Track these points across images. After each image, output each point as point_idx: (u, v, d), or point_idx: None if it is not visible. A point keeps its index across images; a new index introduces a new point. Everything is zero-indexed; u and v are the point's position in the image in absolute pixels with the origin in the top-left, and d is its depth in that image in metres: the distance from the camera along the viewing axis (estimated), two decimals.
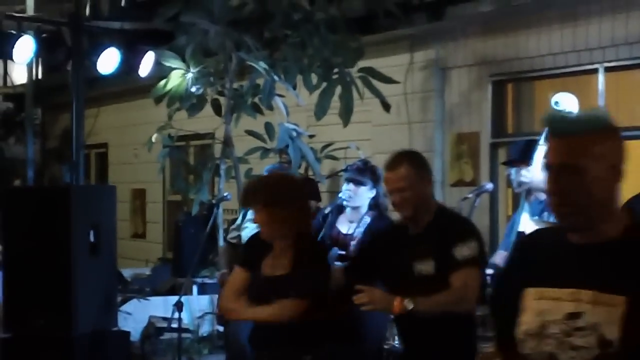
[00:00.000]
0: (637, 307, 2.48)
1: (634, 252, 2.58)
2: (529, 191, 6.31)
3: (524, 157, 6.30)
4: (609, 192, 2.63)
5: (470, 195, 6.59)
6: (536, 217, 6.02)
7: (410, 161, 4.62)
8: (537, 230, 3.02)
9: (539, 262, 2.73)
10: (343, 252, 6.84)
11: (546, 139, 2.73)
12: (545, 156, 2.68)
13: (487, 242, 6.48)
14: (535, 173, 6.06)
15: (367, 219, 6.84)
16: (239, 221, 8.39)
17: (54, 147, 17.56)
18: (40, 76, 16.22)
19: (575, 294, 2.57)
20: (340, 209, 7.12)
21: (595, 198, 2.59)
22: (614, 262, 2.58)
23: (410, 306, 4.34)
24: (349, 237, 6.90)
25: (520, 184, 6.48)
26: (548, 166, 2.65)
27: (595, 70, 8.25)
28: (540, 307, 2.62)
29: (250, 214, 7.55)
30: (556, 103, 5.90)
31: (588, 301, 2.54)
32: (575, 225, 2.63)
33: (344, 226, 6.97)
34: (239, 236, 8.58)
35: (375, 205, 6.90)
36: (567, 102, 5.88)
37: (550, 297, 2.62)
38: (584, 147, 2.58)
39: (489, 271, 5.78)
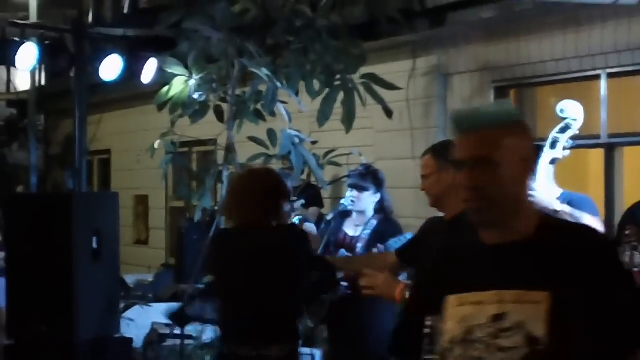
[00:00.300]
0: (560, 301, 2.48)
1: (551, 248, 2.58)
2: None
3: None
4: (520, 187, 2.63)
5: None
6: None
7: (435, 151, 4.68)
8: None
9: (455, 269, 2.70)
10: (350, 255, 6.89)
11: (455, 135, 2.70)
12: (455, 153, 2.66)
13: None
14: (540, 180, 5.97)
15: (374, 222, 6.90)
16: None
17: (56, 153, 17.59)
18: (43, 82, 16.23)
19: (498, 295, 2.54)
20: (344, 215, 7.16)
21: (508, 191, 2.59)
22: (533, 259, 2.57)
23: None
24: (355, 239, 6.96)
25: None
26: (459, 162, 2.62)
27: (598, 77, 8.25)
28: (463, 313, 2.58)
29: None
30: (561, 111, 5.87)
31: (511, 301, 2.52)
32: (489, 220, 2.62)
33: (351, 229, 7.02)
34: None
35: (381, 209, 6.95)
36: (572, 110, 5.85)
37: (472, 302, 2.57)
38: (496, 140, 2.58)
39: None
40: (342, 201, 7.17)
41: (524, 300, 2.50)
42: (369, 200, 6.95)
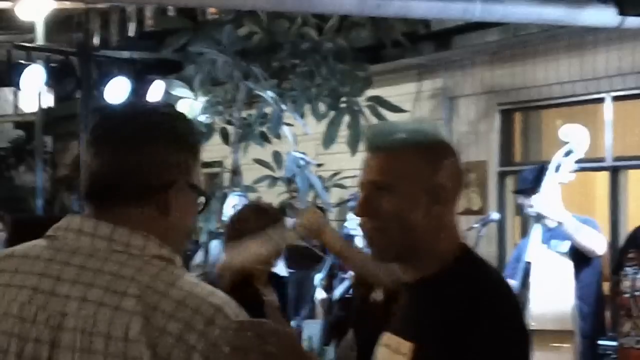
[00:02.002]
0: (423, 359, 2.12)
1: (435, 293, 2.18)
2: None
3: (537, 185, 6.17)
4: (426, 217, 2.19)
5: (476, 225, 6.55)
6: (545, 245, 5.94)
7: None
8: None
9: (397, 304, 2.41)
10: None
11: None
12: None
13: None
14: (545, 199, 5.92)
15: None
16: None
17: (64, 175, 17.60)
18: (50, 105, 16.25)
19: (389, 340, 2.23)
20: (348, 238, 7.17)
21: (407, 222, 2.18)
22: (416, 304, 2.23)
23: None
24: None
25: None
26: (360, 185, 2.27)
27: (603, 100, 8.26)
28: (378, 354, 2.28)
29: None
30: (564, 135, 5.87)
31: (393, 348, 2.20)
32: (383, 253, 2.24)
33: None
34: None
35: None
36: (575, 134, 5.85)
37: (382, 343, 2.27)
38: (397, 163, 2.19)
39: None
40: (346, 224, 7.17)
41: (397, 350, 2.18)
42: None
